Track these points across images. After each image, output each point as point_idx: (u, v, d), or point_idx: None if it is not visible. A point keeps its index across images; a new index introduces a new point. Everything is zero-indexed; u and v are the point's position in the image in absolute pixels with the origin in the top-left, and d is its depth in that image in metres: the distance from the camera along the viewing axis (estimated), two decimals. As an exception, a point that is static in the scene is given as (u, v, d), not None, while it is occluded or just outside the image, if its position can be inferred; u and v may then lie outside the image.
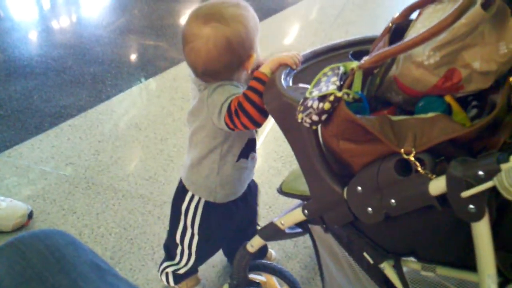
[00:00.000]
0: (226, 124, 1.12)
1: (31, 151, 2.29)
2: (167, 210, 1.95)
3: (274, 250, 1.78)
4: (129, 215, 1.93)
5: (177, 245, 1.47)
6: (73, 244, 0.82)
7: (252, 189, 1.48)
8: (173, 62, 3.40)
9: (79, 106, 2.74)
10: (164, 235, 1.81)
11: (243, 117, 1.08)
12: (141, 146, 2.42)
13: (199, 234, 1.41)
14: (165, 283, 1.59)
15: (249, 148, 1.29)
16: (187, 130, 1.30)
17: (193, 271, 1.56)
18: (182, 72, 3.26)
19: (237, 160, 1.27)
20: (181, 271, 1.52)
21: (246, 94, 1.08)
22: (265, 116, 1.08)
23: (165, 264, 1.55)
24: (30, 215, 1.84)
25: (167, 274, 1.56)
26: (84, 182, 2.11)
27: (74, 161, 2.24)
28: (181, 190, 1.39)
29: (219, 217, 1.39)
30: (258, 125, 1.10)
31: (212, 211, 1.37)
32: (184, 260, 1.49)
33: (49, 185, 2.07)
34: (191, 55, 1.18)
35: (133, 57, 3.63)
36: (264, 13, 4.41)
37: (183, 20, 4.55)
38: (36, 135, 2.42)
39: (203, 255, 1.51)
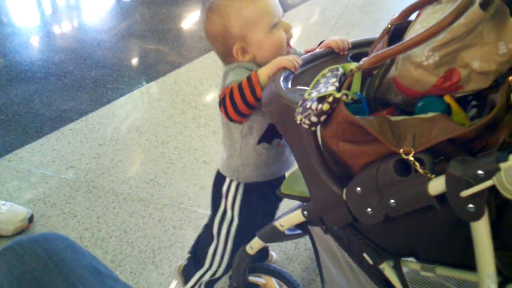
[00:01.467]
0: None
1: (32, 155, 2.29)
2: (168, 213, 1.96)
3: (275, 252, 1.78)
4: (130, 218, 1.93)
5: (212, 240, 1.43)
6: (72, 247, 0.81)
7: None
8: (174, 66, 3.40)
9: (80, 110, 2.74)
10: (164, 238, 1.82)
11: (222, 109, 1.13)
12: (142, 149, 2.42)
13: (239, 217, 1.38)
14: None
15: (271, 133, 1.26)
16: (188, 133, 1.31)
17: (221, 277, 1.51)
18: (183, 76, 3.27)
19: (258, 143, 1.27)
20: (218, 274, 1.47)
21: (232, 89, 1.11)
22: (241, 115, 1.13)
23: (198, 274, 1.49)
24: (30, 219, 1.84)
25: (200, 285, 1.51)
26: (85, 185, 2.11)
27: (75, 164, 2.24)
28: (218, 175, 1.40)
29: (258, 196, 1.38)
30: (232, 120, 1.15)
31: (252, 192, 1.37)
32: (217, 262, 1.44)
33: (50, 188, 2.07)
34: None
35: (134, 61, 3.64)
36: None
37: (184, 24, 4.56)
38: (37, 139, 2.42)
39: (238, 245, 1.40)
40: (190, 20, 4.71)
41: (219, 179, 1.40)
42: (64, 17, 4.52)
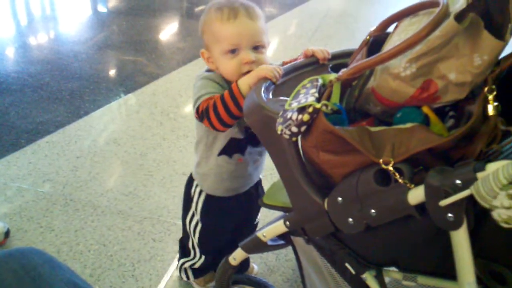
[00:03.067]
0: (196, 117, 1.21)
1: (7, 168, 2.25)
2: (147, 226, 1.94)
3: (256, 263, 1.77)
4: (109, 232, 1.91)
5: (188, 235, 1.54)
6: (50, 262, 0.80)
7: (260, 192, 1.52)
8: (152, 77, 3.39)
9: (56, 122, 2.71)
10: (144, 251, 1.81)
11: (207, 121, 1.15)
12: (120, 162, 2.40)
13: (202, 221, 1.47)
14: (185, 279, 1.68)
15: (232, 147, 1.30)
16: (167, 145, 1.32)
17: (209, 267, 1.62)
18: (162, 87, 3.26)
19: (219, 155, 1.31)
20: (197, 265, 1.61)
21: (214, 102, 1.13)
22: (227, 126, 1.15)
23: (182, 260, 1.65)
24: (7, 234, 1.80)
25: (185, 270, 1.65)
26: (62, 198, 2.08)
27: (52, 177, 2.21)
28: (190, 177, 1.48)
29: (218, 208, 1.44)
30: (218, 130, 1.17)
31: (212, 201, 1.43)
32: (197, 254, 1.57)
33: (26, 202, 2.04)
34: None
35: (112, 72, 3.62)
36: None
37: (161, 35, 4.55)
38: (13, 152, 2.38)
39: (206, 246, 1.54)
40: (168, 31, 4.70)
41: (190, 181, 1.48)
42: (40, 28, 4.47)
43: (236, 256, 1.25)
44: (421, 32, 0.76)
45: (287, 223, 1.03)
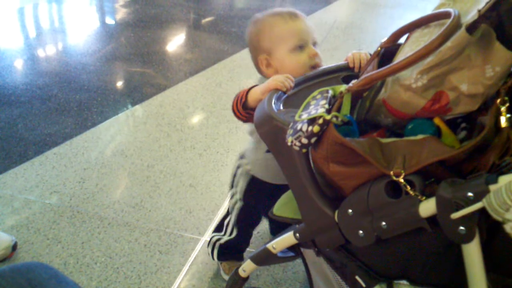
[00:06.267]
0: None
1: (15, 180, 2.25)
2: (154, 238, 1.93)
3: (263, 276, 1.76)
4: (115, 244, 1.90)
5: (228, 213, 1.67)
6: (55, 277, 0.80)
7: None
8: (159, 89, 3.40)
9: (64, 134, 2.71)
10: (150, 263, 1.80)
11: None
12: (127, 173, 2.40)
13: (243, 200, 1.56)
14: (210, 255, 1.77)
15: None
16: (174, 156, 1.34)
17: (235, 250, 1.76)
18: (169, 99, 3.27)
19: (267, 151, 1.40)
20: (223, 241, 1.70)
21: (236, 95, 1.24)
22: (237, 117, 1.27)
23: (212, 234, 1.76)
24: (14, 247, 1.79)
25: (213, 246, 1.74)
26: (69, 210, 2.07)
27: (59, 189, 2.21)
28: (240, 157, 1.56)
29: (258, 190, 1.52)
30: (236, 116, 1.27)
31: (255, 183, 1.51)
32: (229, 230, 1.67)
33: (33, 214, 2.03)
34: None
35: (119, 84, 3.63)
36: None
37: (169, 47, 4.57)
38: (21, 164, 2.38)
39: (242, 225, 1.65)
40: (175, 43, 4.73)
41: (239, 159, 1.56)
42: (48, 40, 4.51)
43: (246, 268, 1.24)
44: (432, 44, 0.76)
45: (297, 235, 1.03)
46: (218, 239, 1.71)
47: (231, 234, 1.67)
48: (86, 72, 3.63)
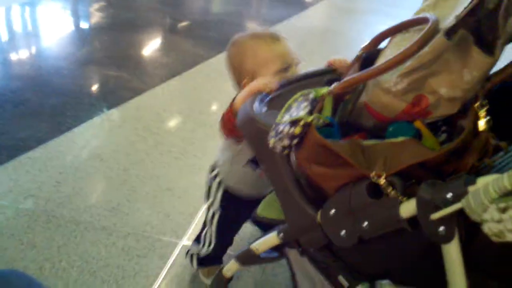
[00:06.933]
0: None
1: (-13, 185, 2.21)
2: (132, 242, 1.92)
3: (244, 277, 1.76)
4: (92, 248, 1.88)
5: (205, 225, 1.64)
6: (30, 285, 0.79)
7: None
8: (135, 92, 3.37)
9: (38, 138, 2.66)
10: (128, 267, 1.79)
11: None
12: (103, 177, 2.37)
13: (222, 209, 1.53)
14: (190, 264, 1.79)
15: (256, 162, 1.34)
16: (150, 160, 1.34)
17: (215, 258, 1.72)
18: (145, 102, 3.24)
19: (245, 164, 1.37)
20: (202, 253, 1.69)
21: (222, 117, 1.23)
22: (227, 135, 1.27)
23: (191, 247, 1.77)
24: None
25: (191, 256, 1.76)
26: (45, 215, 2.04)
27: (33, 193, 2.17)
28: (212, 168, 1.54)
29: (238, 200, 1.49)
30: (226, 135, 1.28)
31: (229, 194, 1.49)
32: (207, 242, 1.65)
33: (7, 219, 1.99)
34: None
35: (94, 87, 3.59)
36: (226, 45, 4.46)
37: (145, 51, 4.54)
38: (-7, 168, 2.34)
39: (222, 234, 1.62)
40: (151, 47, 4.69)
41: (211, 172, 1.54)
42: (21, 44, 4.43)
43: (230, 268, 1.25)
44: (410, 48, 0.78)
45: (281, 235, 1.04)
46: (197, 252, 1.72)
47: (209, 245, 1.65)
48: (60, 76, 3.58)
